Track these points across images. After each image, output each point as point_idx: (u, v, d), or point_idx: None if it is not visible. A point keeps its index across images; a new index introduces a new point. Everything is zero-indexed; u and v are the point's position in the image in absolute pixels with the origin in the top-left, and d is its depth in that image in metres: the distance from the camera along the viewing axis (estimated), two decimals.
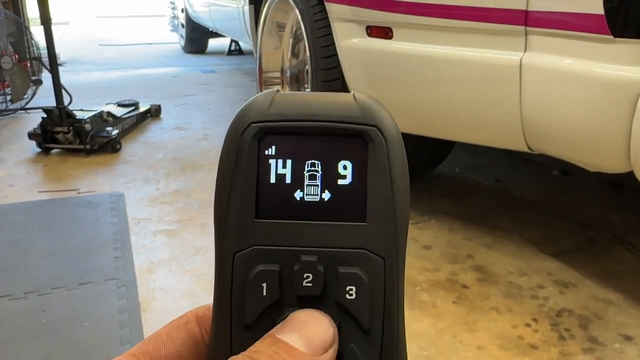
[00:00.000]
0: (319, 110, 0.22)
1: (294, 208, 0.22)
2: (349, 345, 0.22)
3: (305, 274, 0.22)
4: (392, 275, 0.22)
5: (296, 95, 0.23)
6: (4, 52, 3.24)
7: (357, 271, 0.22)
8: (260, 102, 0.23)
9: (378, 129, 0.22)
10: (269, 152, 0.22)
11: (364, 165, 0.22)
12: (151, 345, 0.24)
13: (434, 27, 1.43)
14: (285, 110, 0.22)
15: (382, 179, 0.22)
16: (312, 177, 0.22)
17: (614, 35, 1.07)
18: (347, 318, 0.22)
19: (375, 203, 0.22)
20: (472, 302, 1.41)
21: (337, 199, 0.22)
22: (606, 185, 2.15)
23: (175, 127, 3.06)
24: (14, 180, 2.28)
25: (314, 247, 0.22)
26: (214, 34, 5.43)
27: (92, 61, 5.51)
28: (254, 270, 0.22)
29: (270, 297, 0.22)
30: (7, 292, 1.45)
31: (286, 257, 0.22)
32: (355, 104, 0.23)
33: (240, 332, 0.22)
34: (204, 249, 1.70)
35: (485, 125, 1.44)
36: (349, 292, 0.22)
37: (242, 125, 0.22)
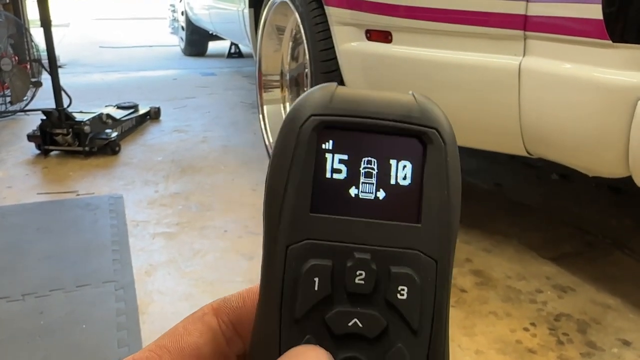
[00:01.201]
0: (379, 108, 0.22)
1: (349, 204, 0.22)
2: (397, 345, 0.22)
3: (358, 271, 0.21)
4: (443, 277, 0.22)
5: (357, 91, 0.23)
6: (4, 53, 3.24)
7: (410, 271, 0.22)
8: (321, 95, 0.22)
9: (438, 132, 0.22)
10: (327, 146, 0.22)
11: (421, 167, 0.22)
12: (167, 339, 0.23)
13: (433, 31, 1.43)
14: (346, 105, 0.22)
15: (438, 182, 0.22)
16: (368, 174, 0.22)
17: (612, 40, 1.07)
18: (396, 317, 0.22)
19: (431, 205, 0.22)
20: (470, 306, 1.41)
21: (392, 198, 0.22)
22: (605, 190, 2.15)
23: (175, 129, 3.06)
24: (12, 182, 2.28)
25: (367, 245, 0.22)
26: (214, 37, 5.43)
27: (92, 63, 5.51)
28: (307, 264, 0.22)
29: (321, 292, 0.21)
30: (5, 293, 1.45)
31: (339, 253, 0.22)
32: (416, 104, 0.23)
33: (288, 325, 0.22)
34: (202, 252, 1.69)
35: (484, 129, 1.44)
36: (400, 291, 0.21)
37: (302, 116, 0.22)
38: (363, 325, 0.21)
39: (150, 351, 0.23)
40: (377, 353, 0.22)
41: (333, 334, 0.22)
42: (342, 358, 0.21)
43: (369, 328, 0.21)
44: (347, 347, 0.22)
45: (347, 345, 0.22)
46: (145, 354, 0.23)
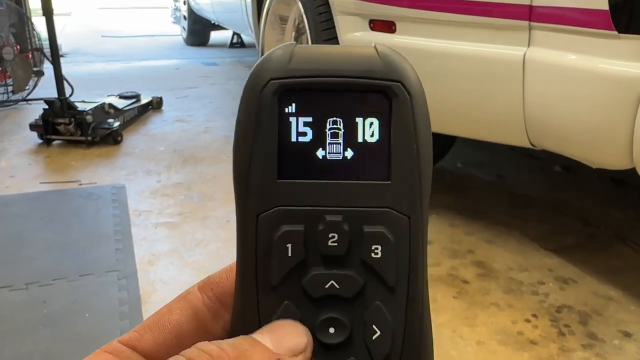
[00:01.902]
0: (340, 65, 0.21)
1: (317, 167, 0.22)
2: (375, 303, 0.22)
3: (330, 233, 0.21)
4: (417, 233, 0.22)
5: (316, 49, 0.22)
6: (6, 42, 3.23)
7: (383, 230, 0.21)
8: (279, 57, 0.22)
9: (402, 84, 0.22)
10: (289, 109, 0.22)
11: (388, 122, 0.22)
12: (151, 319, 0.24)
13: (437, 21, 1.42)
14: (305, 66, 0.21)
15: (406, 136, 0.22)
16: (334, 135, 0.22)
17: (618, 31, 1.06)
18: (372, 276, 0.22)
19: (400, 161, 0.22)
20: (472, 297, 1.41)
21: (360, 157, 0.22)
22: (608, 182, 2.14)
23: (177, 119, 3.05)
24: (15, 171, 2.28)
25: (338, 207, 0.21)
26: (216, 27, 5.41)
27: (94, 52, 5.50)
28: (279, 231, 0.21)
29: (295, 257, 0.21)
30: (8, 283, 1.46)
31: (310, 217, 0.21)
32: (378, 58, 0.22)
33: (266, 293, 0.22)
34: (204, 242, 1.70)
35: (487, 120, 1.44)
36: (374, 251, 0.21)
37: (261, 81, 0.22)
38: (340, 287, 0.21)
39: (135, 332, 0.24)
40: (356, 312, 0.22)
41: (311, 297, 0.22)
42: (321, 320, 0.22)
43: (345, 289, 0.21)
44: (326, 309, 0.22)
45: (326, 307, 0.22)
46: (129, 335, 0.23)
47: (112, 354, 0.23)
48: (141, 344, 0.23)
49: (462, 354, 1.21)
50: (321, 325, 0.22)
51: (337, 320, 0.22)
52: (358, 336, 0.22)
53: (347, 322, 0.22)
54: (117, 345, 0.23)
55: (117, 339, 0.23)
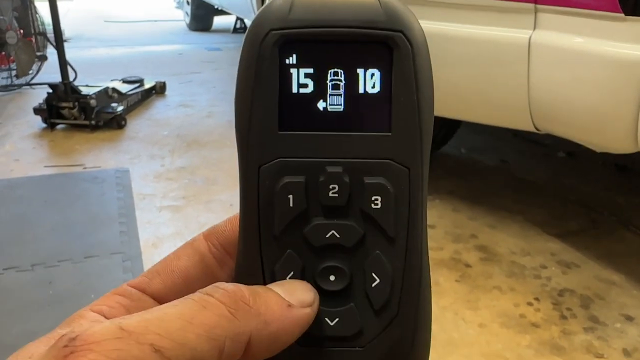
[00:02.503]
0: (341, 15, 0.21)
1: (318, 118, 0.22)
2: (375, 252, 0.22)
3: (331, 184, 0.22)
4: (417, 184, 0.22)
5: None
6: (9, 27, 3.22)
7: (382, 181, 0.22)
8: (279, 7, 0.22)
9: (404, 35, 0.22)
10: (290, 60, 0.22)
11: (389, 73, 0.22)
12: (159, 265, 0.25)
13: (442, 3, 1.41)
14: (306, 16, 0.21)
15: (407, 88, 0.22)
16: (335, 86, 0.22)
17: (625, 13, 1.05)
18: (372, 227, 0.22)
19: (400, 112, 0.22)
20: (474, 280, 1.42)
21: (361, 108, 0.22)
22: (612, 168, 2.14)
23: (180, 104, 3.05)
24: (20, 155, 2.29)
25: (339, 158, 0.22)
26: (220, 12, 5.39)
27: (97, 37, 5.48)
28: (280, 182, 0.22)
29: (297, 207, 0.22)
30: (14, 264, 1.47)
31: (311, 169, 0.22)
32: (379, 7, 0.22)
33: (268, 242, 0.22)
34: (208, 225, 1.68)
35: (492, 104, 1.43)
36: (374, 201, 0.22)
37: (261, 32, 0.21)
38: (340, 236, 0.22)
39: (144, 276, 0.24)
40: (356, 261, 0.22)
41: (312, 246, 0.22)
42: (322, 268, 0.22)
43: (346, 238, 0.22)
44: (327, 257, 0.22)
45: (327, 256, 0.22)
46: (138, 279, 0.24)
47: (122, 295, 0.23)
48: (150, 287, 0.24)
49: (464, 337, 1.22)
50: (322, 273, 0.22)
51: (337, 268, 0.22)
52: (358, 284, 0.22)
53: (347, 271, 0.22)
54: (126, 287, 0.24)
55: (127, 282, 0.24)
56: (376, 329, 0.22)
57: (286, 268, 0.22)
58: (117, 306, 0.22)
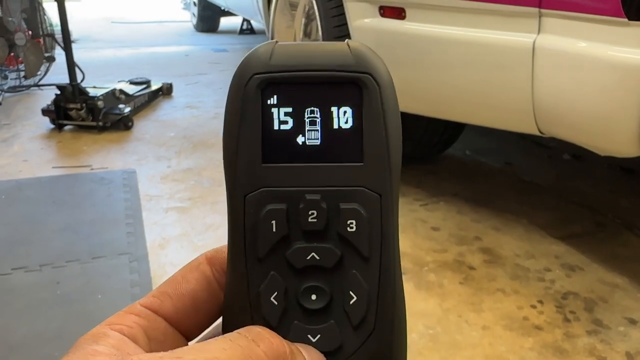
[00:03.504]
0: (316, 60, 0.24)
1: (297, 152, 0.24)
2: (352, 272, 0.24)
3: (310, 210, 0.24)
4: (388, 209, 0.24)
5: (294, 46, 0.25)
6: (18, 28, 3.25)
7: (357, 206, 0.24)
8: (261, 54, 0.24)
9: (372, 76, 0.24)
10: (271, 101, 0.24)
11: (360, 110, 0.24)
12: (168, 286, 0.26)
13: (447, 8, 1.42)
14: (285, 61, 0.24)
15: (376, 123, 0.24)
16: (312, 122, 0.24)
17: (628, 18, 1.06)
18: (348, 248, 0.24)
19: (371, 145, 0.24)
20: (478, 283, 1.42)
21: (336, 142, 0.24)
22: (617, 171, 2.14)
23: (187, 105, 3.07)
24: (28, 156, 2.31)
25: (317, 187, 0.24)
26: (226, 13, 5.41)
27: (104, 39, 5.52)
28: (264, 210, 0.24)
29: (279, 232, 0.24)
30: (23, 264, 1.49)
31: (292, 197, 0.24)
32: (349, 53, 0.24)
33: (254, 265, 0.24)
34: (214, 226, 1.72)
35: (496, 107, 1.44)
36: (349, 225, 0.24)
37: (245, 76, 0.24)
38: (320, 258, 0.24)
39: (154, 297, 0.25)
40: (335, 280, 0.24)
41: (294, 268, 0.24)
42: (304, 288, 0.24)
43: (325, 259, 0.24)
44: (308, 278, 0.24)
45: (308, 277, 0.24)
46: (149, 299, 0.25)
47: (137, 315, 0.24)
48: (162, 309, 0.25)
49: (468, 339, 1.23)
50: (304, 292, 0.24)
51: (318, 288, 0.24)
52: (337, 302, 0.24)
53: (327, 290, 0.24)
54: (140, 307, 0.25)
55: (139, 302, 0.25)
56: (355, 343, 0.24)
57: (270, 288, 0.24)
58: (135, 326, 0.24)
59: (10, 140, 2.51)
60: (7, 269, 1.47)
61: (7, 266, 1.48)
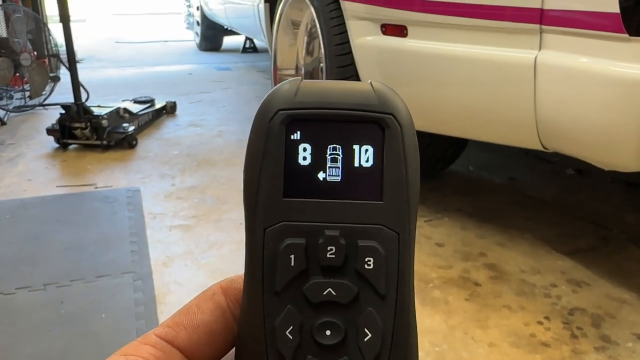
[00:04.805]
0: (340, 99, 0.24)
1: (318, 188, 0.24)
2: (367, 309, 0.24)
3: (329, 246, 0.24)
4: (405, 247, 0.25)
5: (319, 84, 0.25)
6: (23, 49, 3.29)
7: (375, 244, 0.24)
8: (287, 90, 0.25)
9: (394, 117, 0.24)
10: (295, 136, 0.24)
11: (381, 150, 0.24)
12: (183, 317, 0.26)
13: (448, 25, 1.43)
14: (310, 99, 0.24)
15: (396, 162, 0.24)
16: (334, 159, 0.24)
17: (629, 34, 1.06)
18: (365, 285, 0.24)
19: (391, 184, 0.24)
20: (484, 299, 1.41)
21: (356, 179, 0.24)
22: (621, 185, 2.13)
23: (191, 123, 3.08)
24: (32, 175, 2.32)
25: (336, 223, 0.24)
26: (229, 32, 5.46)
27: (109, 58, 5.57)
28: (283, 244, 0.24)
29: (297, 267, 0.24)
30: (27, 283, 1.49)
31: (311, 232, 0.24)
32: (373, 93, 0.25)
33: (270, 298, 0.24)
34: (218, 244, 1.72)
35: (499, 123, 1.44)
36: (367, 262, 0.24)
37: (270, 111, 0.24)
38: (337, 294, 0.24)
39: (168, 327, 0.25)
40: (350, 317, 0.24)
41: (310, 302, 0.24)
42: (319, 323, 0.24)
43: (342, 295, 0.24)
44: (324, 313, 0.24)
45: (324, 312, 0.24)
46: (164, 330, 0.25)
47: (152, 346, 0.24)
48: (177, 340, 0.25)
49: (474, 356, 1.22)
50: (319, 327, 0.24)
51: (333, 323, 0.24)
52: (352, 338, 0.24)
53: (342, 326, 0.24)
54: (155, 338, 0.24)
55: (153, 331, 0.25)
56: None
57: (286, 322, 0.24)
58: (150, 357, 0.23)
59: (15, 159, 2.52)
60: (12, 288, 1.47)
61: (12, 286, 1.48)
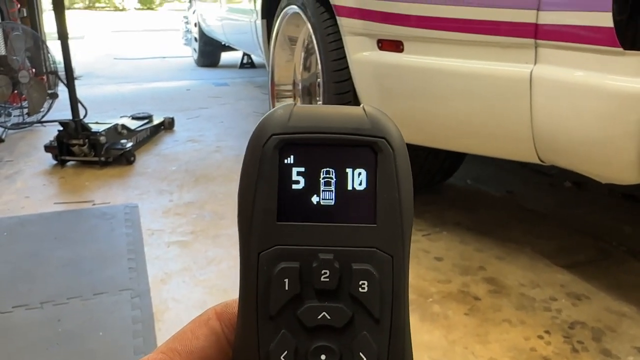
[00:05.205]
0: (333, 123, 0.25)
1: (312, 211, 0.24)
2: (362, 333, 0.24)
3: (323, 270, 0.24)
4: (399, 270, 0.24)
5: (312, 109, 0.26)
6: (22, 66, 3.30)
7: (369, 267, 0.24)
8: (280, 115, 0.25)
9: (386, 140, 0.24)
10: (288, 161, 0.24)
11: (374, 173, 0.24)
12: (177, 342, 0.26)
13: (444, 40, 1.44)
14: (303, 123, 0.25)
15: (389, 186, 0.24)
16: (327, 183, 0.24)
17: (623, 47, 1.07)
18: (359, 309, 0.24)
19: (384, 207, 0.24)
20: (484, 313, 1.41)
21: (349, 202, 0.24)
22: (619, 197, 2.14)
23: (189, 139, 3.09)
24: (30, 192, 2.32)
25: (330, 246, 0.24)
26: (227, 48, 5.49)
27: (107, 75, 5.59)
28: (277, 268, 0.24)
29: (291, 291, 0.24)
30: (24, 301, 1.48)
31: (305, 255, 0.24)
32: (365, 117, 0.25)
33: (265, 322, 0.24)
34: (216, 260, 1.71)
35: (496, 137, 1.45)
36: (361, 285, 0.24)
37: (264, 136, 0.25)
38: (331, 318, 0.24)
39: (163, 353, 0.25)
40: (345, 341, 0.24)
41: (305, 326, 0.24)
42: (314, 347, 0.24)
43: (336, 319, 0.24)
44: (319, 337, 0.24)
45: (319, 336, 0.24)
46: (158, 356, 0.25)
47: None
48: None
49: None
50: (314, 352, 0.24)
51: (328, 348, 0.24)
52: None
53: (337, 350, 0.24)
54: None
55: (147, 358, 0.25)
56: None
57: (281, 347, 0.24)
58: None
59: (13, 176, 2.52)
60: (9, 307, 1.46)
61: (9, 304, 1.47)
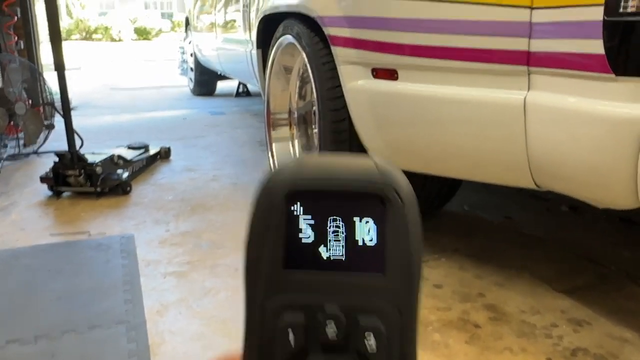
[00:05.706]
0: (342, 174, 0.25)
1: (319, 261, 0.24)
2: None
3: (328, 322, 0.23)
4: (408, 324, 0.24)
5: (322, 159, 0.26)
6: (18, 98, 3.32)
7: (376, 322, 0.23)
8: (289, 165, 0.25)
9: (396, 192, 0.24)
10: (296, 210, 0.24)
11: (383, 225, 0.24)
12: None
13: (438, 68, 1.46)
14: (313, 174, 0.25)
15: (399, 238, 0.24)
16: (335, 233, 0.24)
17: (615, 73, 1.09)
18: None
19: (393, 258, 0.24)
20: (484, 342, 1.39)
21: (357, 253, 0.24)
22: (616, 222, 2.14)
23: (185, 168, 3.09)
24: (25, 224, 2.30)
25: (336, 298, 0.24)
26: (222, 77, 5.54)
27: (104, 105, 5.62)
28: (282, 318, 0.24)
29: (297, 344, 0.23)
30: (17, 336, 1.45)
31: (311, 306, 0.24)
32: (376, 169, 0.25)
33: None
34: (213, 290, 1.69)
35: (491, 163, 1.45)
36: (368, 341, 0.23)
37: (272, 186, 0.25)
38: None
39: None
40: None
41: None
42: None
43: None
44: None
45: None
46: None
47: None
48: None
49: None
50: None
51: None
52: None
53: None
54: None
55: None
56: None
57: None
58: None
59: (8, 208, 2.51)
60: (2, 341, 1.43)
61: (2, 339, 1.44)
